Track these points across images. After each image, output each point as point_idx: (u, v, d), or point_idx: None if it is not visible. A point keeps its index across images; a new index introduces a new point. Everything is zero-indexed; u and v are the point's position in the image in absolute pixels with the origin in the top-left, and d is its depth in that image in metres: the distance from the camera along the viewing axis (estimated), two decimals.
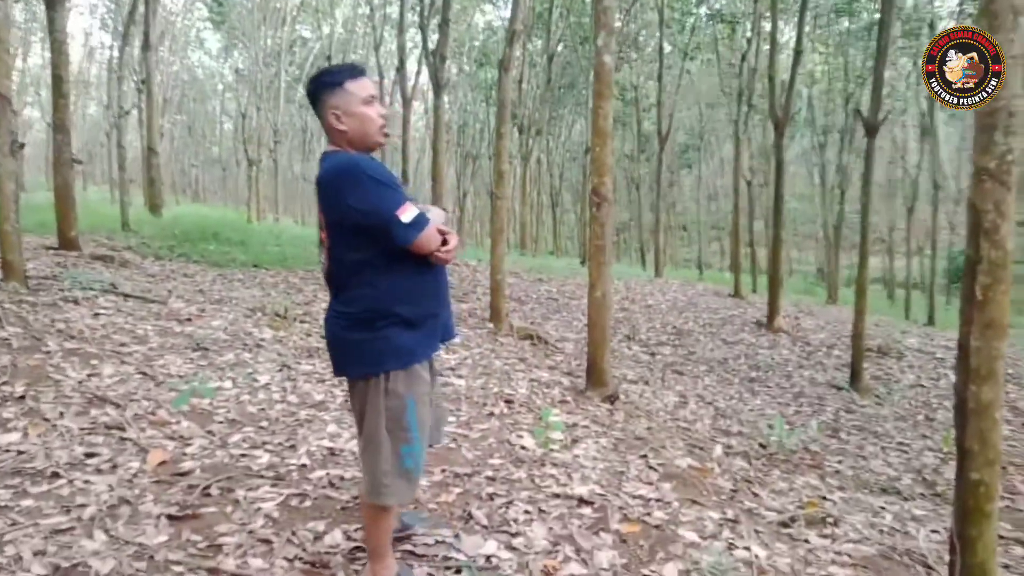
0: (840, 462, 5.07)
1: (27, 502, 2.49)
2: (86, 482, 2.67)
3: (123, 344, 4.47)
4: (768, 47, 13.91)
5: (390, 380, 1.97)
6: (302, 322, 6.15)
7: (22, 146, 5.70)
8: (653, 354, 8.41)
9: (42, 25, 18.76)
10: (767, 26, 16.11)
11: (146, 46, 12.92)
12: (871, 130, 8.32)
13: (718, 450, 4.47)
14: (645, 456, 3.70)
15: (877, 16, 17.89)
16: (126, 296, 5.76)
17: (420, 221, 1.92)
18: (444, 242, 1.99)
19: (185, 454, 3.06)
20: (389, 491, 2.01)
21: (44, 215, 8.56)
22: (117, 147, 12.89)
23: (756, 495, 3.56)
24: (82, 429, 3.13)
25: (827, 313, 13.19)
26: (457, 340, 5.89)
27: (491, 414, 4.13)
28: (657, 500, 3.04)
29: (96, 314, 5.04)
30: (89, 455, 2.90)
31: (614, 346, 6.97)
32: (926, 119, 18.33)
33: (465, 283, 10.53)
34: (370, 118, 2.00)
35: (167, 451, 3.04)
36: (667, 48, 18.75)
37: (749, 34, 17.42)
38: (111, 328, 4.77)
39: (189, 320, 5.44)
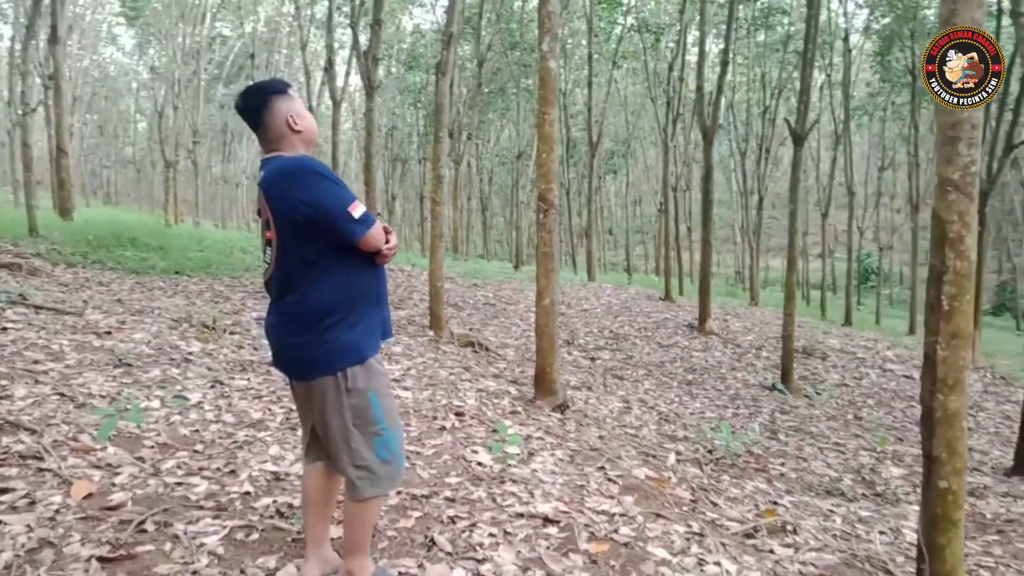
0: (783, 464, 5.16)
1: None
2: None
3: (36, 361, 4.10)
4: (693, 57, 14.25)
5: (348, 378, 1.97)
6: (232, 333, 5.83)
7: None
8: (593, 359, 8.41)
9: None
10: (691, 37, 16.53)
11: (53, 39, 12.07)
12: (798, 139, 8.58)
13: (671, 458, 4.45)
14: (603, 468, 3.63)
15: (791, 29, 18.71)
16: (37, 308, 5.32)
17: (368, 218, 1.96)
18: (386, 240, 2.04)
19: (114, 484, 2.78)
20: (370, 484, 2.01)
21: None
22: (22, 146, 11.97)
23: (715, 504, 3.54)
24: None
25: (752, 315, 13.57)
26: (391, 340, 5.73)
27: (442, 428, 3.97)
28: (622, 515, 2.96)
29: (4, 328, 4.62)
30: (1, 491, 2.59)
31: None
32: (840, 128, 19.17)
33: (401, 289, 10.30)
34: (312, 119, 2.12)
35: (93, 482, 2.75)
36: (595, 56, 18.98)
37: (673, 44, 17.84)
38: (22, 344, 4.37)
39: (109, 333, 5.05)
